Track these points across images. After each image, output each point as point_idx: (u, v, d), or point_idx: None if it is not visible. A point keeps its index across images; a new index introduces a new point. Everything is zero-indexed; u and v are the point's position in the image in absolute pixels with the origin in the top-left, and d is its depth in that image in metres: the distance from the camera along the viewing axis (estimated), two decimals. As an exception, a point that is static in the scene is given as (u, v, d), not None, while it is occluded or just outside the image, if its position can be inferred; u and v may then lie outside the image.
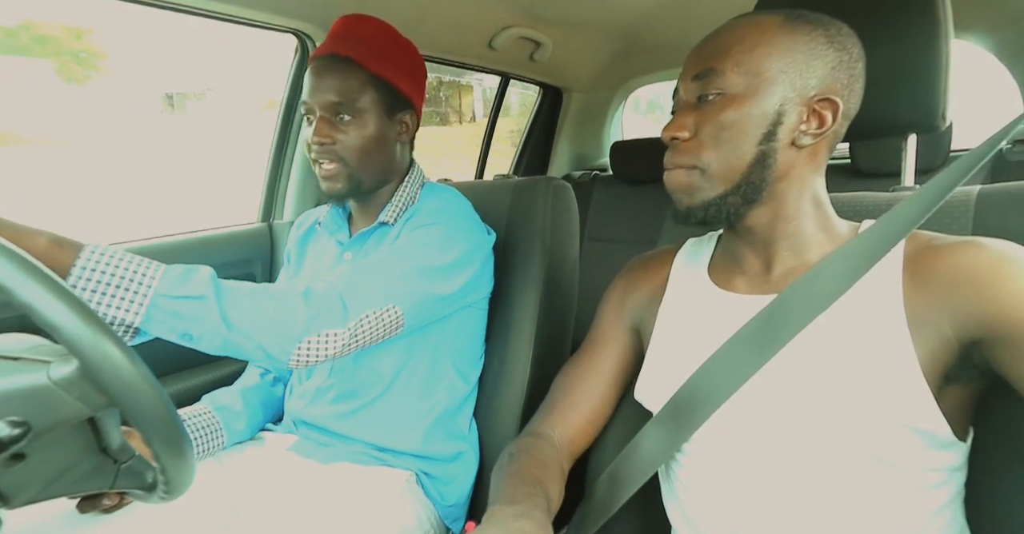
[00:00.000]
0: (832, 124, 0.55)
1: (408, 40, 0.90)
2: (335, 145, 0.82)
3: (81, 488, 0.51)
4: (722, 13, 0.69)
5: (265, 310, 0.67)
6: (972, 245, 0.50)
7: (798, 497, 0.54)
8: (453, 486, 0.89)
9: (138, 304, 0.61)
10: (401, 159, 0.91)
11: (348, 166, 0.83)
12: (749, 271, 0.62)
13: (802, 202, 0.58)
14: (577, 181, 2.36)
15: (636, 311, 0.71)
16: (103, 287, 0.59)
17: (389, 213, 0.88)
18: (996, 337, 0.46)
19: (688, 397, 0.58)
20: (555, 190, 1.01)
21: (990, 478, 0.57)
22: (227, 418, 0.90)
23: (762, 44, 0.54)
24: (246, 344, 0.66)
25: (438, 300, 0.80)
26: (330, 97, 0.80)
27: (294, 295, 0.69)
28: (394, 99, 0.85)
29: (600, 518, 0.65)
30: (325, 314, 0.69)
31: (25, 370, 0.44)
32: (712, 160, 0.56)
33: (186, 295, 0.63)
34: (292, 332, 0.67)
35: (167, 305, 0.62)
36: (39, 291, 0.40)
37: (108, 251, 0.60)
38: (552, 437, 0.69)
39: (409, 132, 0.90)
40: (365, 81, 0.81)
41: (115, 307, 0.60)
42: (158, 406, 0.45)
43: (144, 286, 0.61)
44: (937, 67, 0.71)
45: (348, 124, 0.82)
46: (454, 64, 1.77)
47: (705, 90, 0.56)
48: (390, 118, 0.85)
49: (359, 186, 0.85)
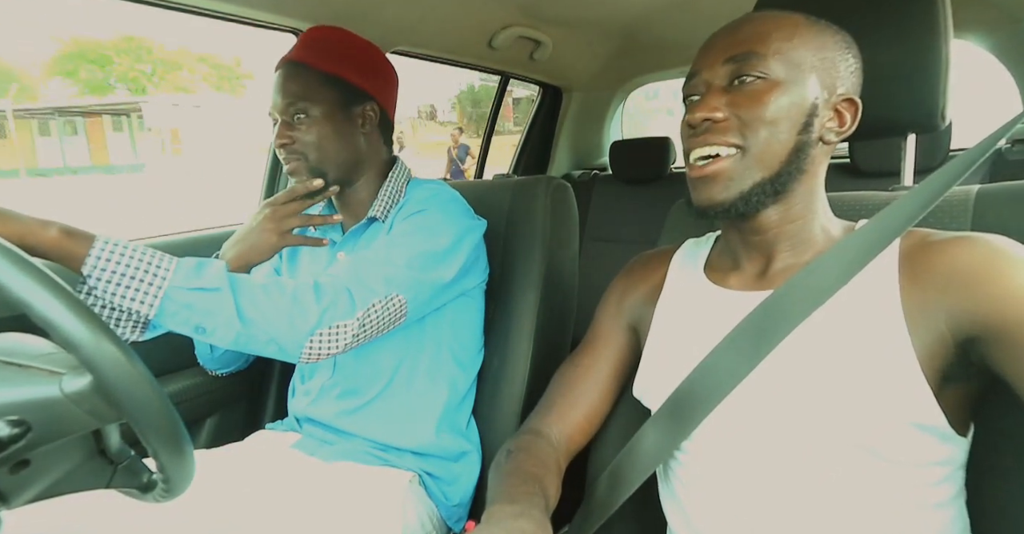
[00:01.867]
0: (851, 124, 0.56)
1: (364, 40, 0.93)
2: (295, 144, 0.86)
3: (77, 488, 0.51)
4: (722, 13, 0.70)
5: (278, 304, 0.67)
6: (967, 241, 0.50)
7: (797, 494, 0.54)
8: (456, 486, 0.89)
9: (152, 296, 0.61)
10: (371, 150, 0.92)
11: (308, 160, 0.87)
12: (747, 269, 0.62)
13: (810, 202, 0.58)
14: (577, 180, 2.36)
15: (634, 310, 0.71)
16: (117, 277, 0.59)
17: (378, 208, 0.90)
18: (991, 334, 0.46)
19: (686, 395, 0.58)
20: (555, 189, 1.01)
21: (992, 478, 0.57)
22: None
23: (798, 36, 0.54)
24: (260, 337, 0.66)
25: (438, 286, 0.82)
26: (285, 100, 0.85)
27: (306, 288, 0.70)
28: (349, 93, 0.88)
29: (600, 517, 0.65)
30: (335, 306, 0.70)
31: (36, 381, 0.44)
32: (755, 140, 0.54)
33: (201, 287, 0.63)
34: (305, 325, 0.68)
35: (181, 297, 0.62)
36: (57, 307, 0.40)
37: (120, 242, 0.61)
38: (550, 435, 0.69)
39: (372, 123, 0.91)
40: (315, 80, 0.85)
41: (129, 298, 0.60)
42: (166, 419, 0.46)
43: (159, 278, 0.61)
44: (936, 67, 0.71)
45: (303, 122, 0.86)
46: (454, 63, 1.77)
47: (744, 71, 0.54)
48: (346, 111, 0.88)
49: (324, 178, 0.88)
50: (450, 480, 0.89)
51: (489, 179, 1.41)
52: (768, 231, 0.59)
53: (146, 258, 0.61)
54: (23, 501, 0.47)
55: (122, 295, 0.59)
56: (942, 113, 0.72)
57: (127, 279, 0.59)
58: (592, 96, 2.37)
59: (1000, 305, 0.46)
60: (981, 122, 1.77)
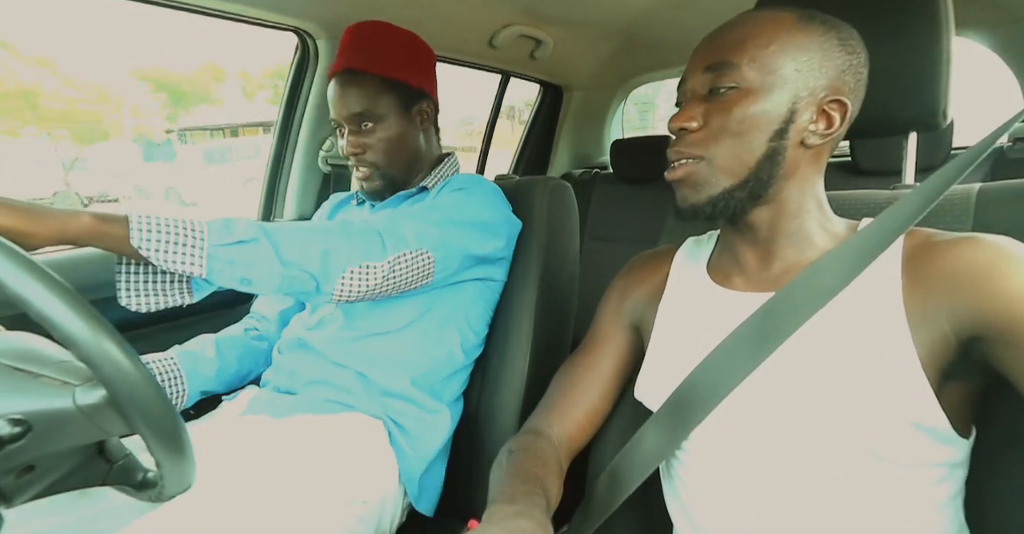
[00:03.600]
0: (840, 125, 0.55)
1: (408, 32, 0.95)
2: (365, 153, 0.91)
3: (75, 485, 0.52)
4: (723, 11, 0.69)
5: (312, 243, 0.70)
6: (970, 241, 0.50)
7: (798, 493, 0.54)
8: (421, 441, 0.88)
9: (199, 257, 0.63)
10: (428, 145, 0.98)
11: (379, 167, 0.92)
12: (748, 269, 0.62)
13: (805, 201, 0.58)
14: (577, 180, 2.35)
15: (636, 309, 0.71)
16: (164, 246, 0.61)
17: (431, 180, 0.95)
18: (994, 334, 0.46)
19: (688, 394, 0.58)
20: (555, 189, 1.01)
21: (991, 477, 0.57)
22: (192, 363, 0.91)
23: (777, 41, 0.54)
24: (302, 277, 0.69)
25: (468, 257, 0.86)
26: (351, 110, 0.88)
27: (335, 227, 0.74)
28: (408, 95, 0.91)
29: (600, 516, 0.65)
30: (365, 245, 0.73)
31: (50, 392, 0.45)
32: (720, 152, 0.55)
33: (239, 240, 0.65)
34: (338, 261, 0.71)
35: (223, 254, 0.64)
36: (81, 327, 0.41)
37: (150, 216, 0.62)
38: (551, 435, 0.69)
39: (430, 118, 0.96)
40: (378, 87, 0.88)
41: (180, 263, 0.62)
42: (175, 434, 0.47)
43: (198, 240, 0.63)
44: (938, 65, 0.71)
45: (372, 130, 0.90)
46: (454, 62, 1.77)
47: (718, 83, 0.55)
48: (408, 113, 0.92)
49: (393, 181, 0.94)
50: (416, 434, 0.87)
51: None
52: (762, 230, 0.59)
53: (180, 224, 0.63)
54: (24, 500, 0.47)
55: (173, 260, 0.61)
56: (943, 111, 0.72)
57: (172, 245, 0.62)
58: (593, 95, 2.37)
59: (1003, 305, 0.46)
60: (983, 120, 1.77)
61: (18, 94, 9.16)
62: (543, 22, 1.67)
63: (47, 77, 9.53)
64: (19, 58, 9.49)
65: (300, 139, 1.38)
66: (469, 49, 1.70)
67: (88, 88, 9.74)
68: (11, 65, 8.97)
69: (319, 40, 1.30)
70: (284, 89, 1.37)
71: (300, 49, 1.33)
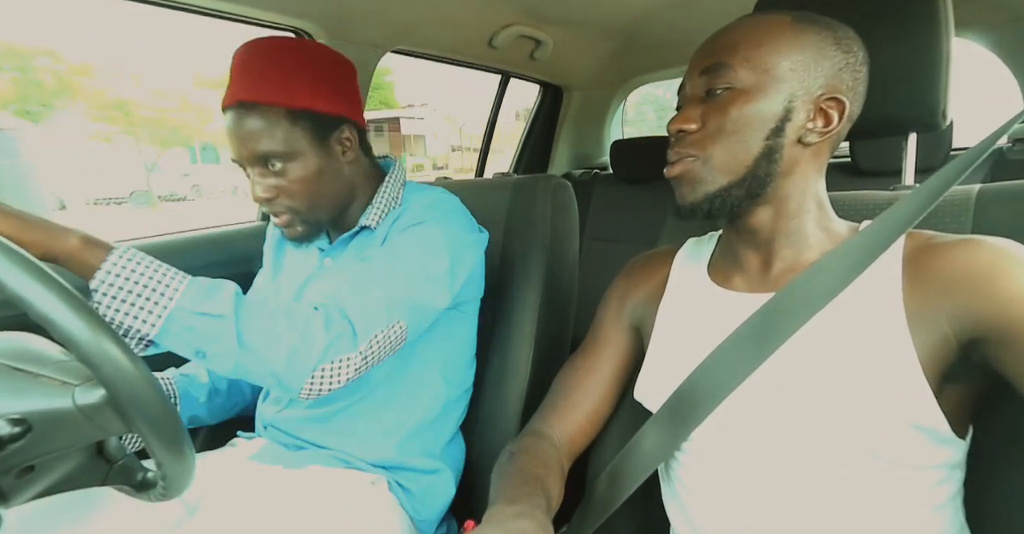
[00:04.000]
0: (838, 124, 0.55)
1: (313, 43, 0.83)
2: (279, 197, 0.76)
3: (75, 485, 0.52)
4: (723, 12, 0.69)
5: (282, 336, 0.64)
6: (971, 243, 0.50)
7: (797, 495, 0.54)
8: (426, 503, 0.85)
9: (156, 315, 0.59)
10: (359, 173, 0.84)
11: (299, 212, 0.78)
12: (748, 269, 0.62)
13: (805, 200, 0.58)
14: (577, 180, 2.35)
15: (636, 310, 0.71)
16: (124, 294, 0.57)
17: (371, 217, 0.82)
18: (994, 336, 0.46)
19: (687, 395, 0.58)
20: (555, 189, 1.01)
21: (990, 478, 0.57)
22: (187, 386, 0.90)
23: (770, 41, 0.54)
24: (259, 370, 0.64)
25: (438, 310, 0.78)
26: (251, 150, 0.73)
27: (311, 318, 0.66)
28: (322, 124, 0.76)
29: (600, 517, 0.65)
30: (337, 339, 0.66)
31: (50, 392, 0.45)
32: (716, 151, 0.56)
33: (206, 312, 0.61)
34: (306, 361, 0.64)
35: (185, 320, 0.60)
36: (81, 327, 0.41)
37: (136, 257, 0.59)
38: (552, 436, 0.69)
39: (353, 145, 0.81)
40: (281, 120, 0.73)
41: (132, 316, 0.58)
42: (174, 433, 0.47)
43: (166, 298, 0.59)
44: (938, 65, 0.71)
45: (283, 171, 0.75)
46: (454, 63, 1.77)
47: (713, 84, 0.56)
48: (325, 144, 0.77)
49: (319, 225, 0.81)
50: (420, 495, 0.85)
51: (489, 178, 1.40)
52: (762, 230, 0.59)
53: (157, 275, 0.59)
54: (23, 501, 0.47)
55: (125, 312, 0.57)
56: (943, 112, 0.72)
57: (133, 296, 0.57)
58: (593, 95, 2.37)
59: (1004, 307, 0.46)
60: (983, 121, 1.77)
61: (114, 104, 10.37)
62: (543, 22, 1.67)
63: (138, 89, 11.22)
64: (113, 73, 11.33)
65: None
66: (469, 49, 1.70)
67: (172, 97, 11.06)
68: (108, 79, 10.62)
69: (318, 40, 1.30)
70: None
71: (300, 49, 1.32)
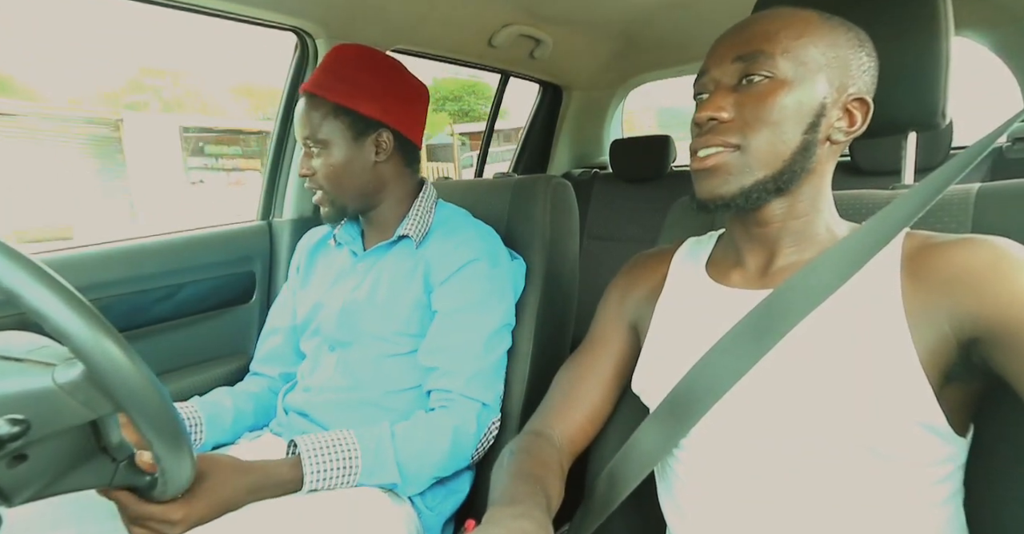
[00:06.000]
0: (861, 124, 0.55)
1: (386, 61, 0.92)
2: (314, 175, 0.89)
3: (80, 486, 0.51)
4: (722, 13, 0.69)
5: (437, 459, 0.80)
6: (970, 242, 0.50)
7: (795, 492, 0.54)
8: (436, 511, 0.87)
9: (350, 484, 0.76)
10: (392, 176, 0.94)
11: (327, 193, 0.90)
12: (748, 267, 0.62)
13: (818, 200, 0.58)
14: (577, 179, 2.35)
15: (635, 309, 0.71)
16: (326, 484, 0.74)
17: (408, 227, 0.92)
18: (993, 336, 0.46)
19: (685, 393, 0.58)
20: (555, 188, 1.01)
21: (990, 478, 0.57)
22: (213, 413, 0.91)
23: (808, 34, 0.54)
24: (433, 478, 0.82)
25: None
26: (303, 132, 0.88)
27: (446, 421, 0.82)
28: (359, 123, 0.88)
29: (600, 516, 0.65)
30: (477, 420, 0.83)
31: (30, 373, 0.44)
32: (756, 141, 0.54)
33: (381, 482, 0.77)
34: (465, 452, 0.83)
35: (367, 482, 0.77)
36: (48, 297, 0.40)
37: (317, 462, 0.73)
38: (552, 436, 0.69)
39: (388, 149, 0.91)
40: (327, 112, 0.87)
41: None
42: (162, 411, 0.46)
43: (352, 477, 0.76)
44: (937, 65, 0.71)
45: (318, 155, 0.89)
46: (454, 62, 1.77)
47: (751, 71, 0.54)
48: (358, 142, 0.89)
49: (344, 209, 0.92)
50: (432, 504, 0.87)
51: (489, 178, 1.41)
52: (772, 225, 0.59)
53: (339, 465, 0.75)
54: (24, 499, 0.47)
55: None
56: (943, 111, 0.72)
57: (331, 483, 0.75)
58: (592, 95, 2.37)
59: (1003, 307, 0.46)
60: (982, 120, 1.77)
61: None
62: (542, 22, 1.67)
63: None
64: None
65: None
66: (469, 49, 1.70)
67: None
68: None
69: (319, 40, 1.30)
70: (284, 89, 1.37)
71: (300, 49, 1.33)
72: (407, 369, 0.89)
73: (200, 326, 1.23)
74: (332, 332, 0.93)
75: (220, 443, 0.93)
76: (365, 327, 0.90)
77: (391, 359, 0.89)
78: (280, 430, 0.93)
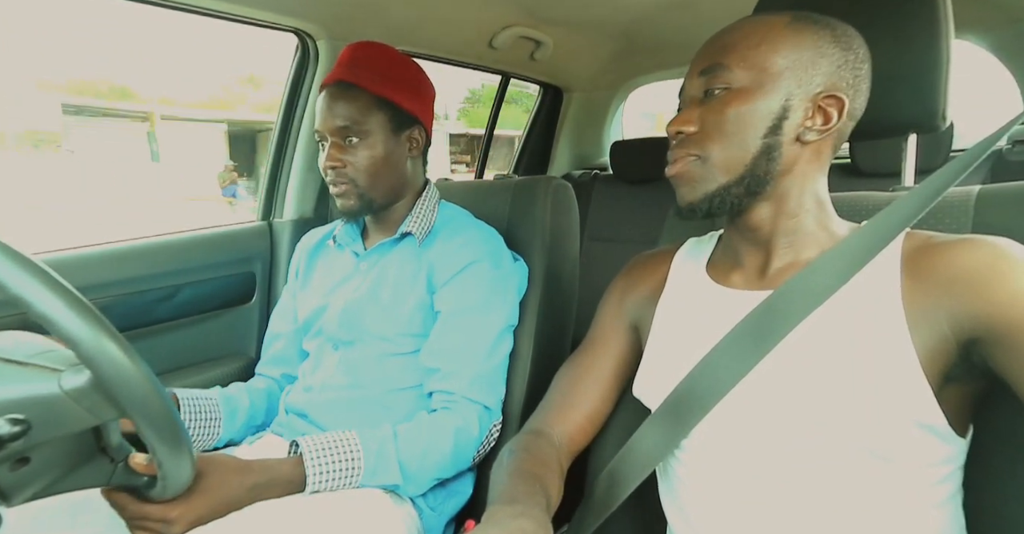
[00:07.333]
0: (837, 121, 0.55)
1: (411, 60, 0.94)
2: (345, 168, 0.87)
3: (79, 486, 0.52)
4: (723, 13, 0.70)
5: (439, 459, 0.80)
6: (970, 243, 0.50)
7: (795, 493, 0.54)
8: (438, 512, 0.87)
9: (352, 485, 0.76)
10: (413, 175, 0.95)
11: (358, 186, 0.88)
12: (747, 268, 0.62)
13: (804, 199, 0.58)
14: (577, 180, 2.35)
15: (635, 309, 0.71)
16: (328, 486, 0.74)
17: (411, 224, 0.92)
18: (993, 336, 0.46)
19: (686, 393, 0.58)
20: (555, 189, 1.01)
21: (989, 478, 0.57)
22: (229, 407, 0.92)
23: (767, 41, 0.55)
24: (435, 479, 0.82)
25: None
26: (338, 122, 0.86)
27: (448, 422, 0.82)
28: (399, 117, 0.89)
29: (600, 515, 0.65)
30: (479, 422, 0.84)
31: (36, 378, 0.44)
32: (715, 150, 0.56)
33: (383, 483, 0.77)
34: (467, 453, 0.83)
35: (369, 483, 0.77)
36: (58, 305, 0.40)
37: (320, 464, 0.74)
38: (551, 435, 0.69)
39: (419, 147, 0.93)
40: (369, 103, 0.86)
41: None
42: (165, 416, 0.46)
43: (354, 478, 0.76)
44: (937, 67, 0.71)
45: (356, 146, 0.87)
46: (454, 63, 1.77)
47: (711, 85, 0.56)
48: (396, 136, 0.90)
49: (371, 203, 0.90)
50: (434, 505, 0.86)
51: (490, 179, 1.41)
52: (762, 227, 0.59)
53: (341, 466, 0.75)
54: (24, 499, 0.47)
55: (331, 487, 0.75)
56: (943, 113, 0.72)
57: (333, 485, 0.75)
58: (592, 96, 2.37)
59: (1003, 307, 0.46)
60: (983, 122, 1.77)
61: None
62: (543, 23, 1.67)
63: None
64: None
65: (300, 139, 1.38)
66: (469, 50, 1.70)
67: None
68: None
69: (319, 41, 1.30)
70: (284, 89, 1.37)
71: (300, 50, 1.33)
72: (409, 368, 0.89)
73: (200, 327, 1.23)
74: (335, 331, 0.93)
75: (230, 438, 0.94)
76: (368, 326, 0.90)
77: (393, 358, 0.89)
78: (281, 430, 0.93)
